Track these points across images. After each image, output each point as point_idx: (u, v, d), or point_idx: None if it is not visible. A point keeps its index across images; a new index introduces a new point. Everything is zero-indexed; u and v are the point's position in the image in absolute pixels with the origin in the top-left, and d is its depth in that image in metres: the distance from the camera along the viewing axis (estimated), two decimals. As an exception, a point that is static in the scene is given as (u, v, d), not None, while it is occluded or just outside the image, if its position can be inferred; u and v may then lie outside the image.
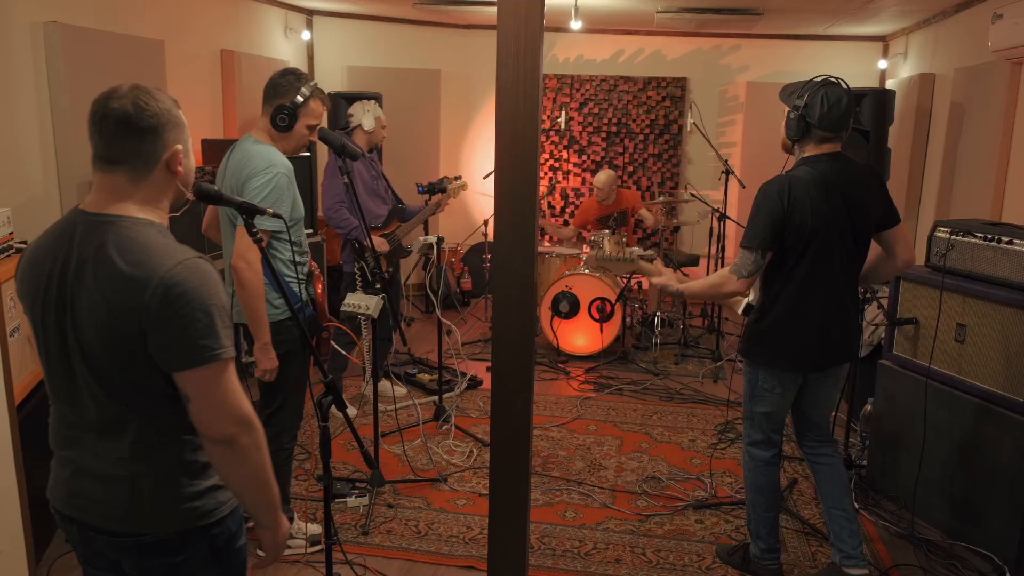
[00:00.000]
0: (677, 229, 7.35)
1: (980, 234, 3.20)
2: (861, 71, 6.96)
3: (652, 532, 3.37)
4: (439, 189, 4.64)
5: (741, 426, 4.45)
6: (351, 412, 4.31)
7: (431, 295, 4.85)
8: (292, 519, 3.15)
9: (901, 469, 3.52)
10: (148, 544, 1.59)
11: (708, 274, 5.93)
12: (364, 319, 4.22)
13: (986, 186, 4.47)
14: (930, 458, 3.32)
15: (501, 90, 1.74)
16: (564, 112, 7.36)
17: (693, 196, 6.20)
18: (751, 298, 2.87)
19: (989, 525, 3.12)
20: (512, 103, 1.76)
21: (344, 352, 4.41)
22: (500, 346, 1.83)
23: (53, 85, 3.93)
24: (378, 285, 3.55)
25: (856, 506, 3.52)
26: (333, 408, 2.29)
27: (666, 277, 2.85)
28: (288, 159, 2.87)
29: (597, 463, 4.02)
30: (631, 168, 7.44)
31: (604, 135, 7.44)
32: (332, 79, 6.91)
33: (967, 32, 5.13)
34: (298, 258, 2.84)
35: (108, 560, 1.65)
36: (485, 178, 6.95)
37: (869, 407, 3.88)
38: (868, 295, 3.67)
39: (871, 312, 4.06)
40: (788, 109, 2.73)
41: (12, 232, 3.43)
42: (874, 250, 2.83)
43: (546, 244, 6.88)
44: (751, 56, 7.25)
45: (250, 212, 1.95)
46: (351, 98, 5.75)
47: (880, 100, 4.72)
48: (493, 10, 1.71)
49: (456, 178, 4.85)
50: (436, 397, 4.58)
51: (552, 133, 7.47)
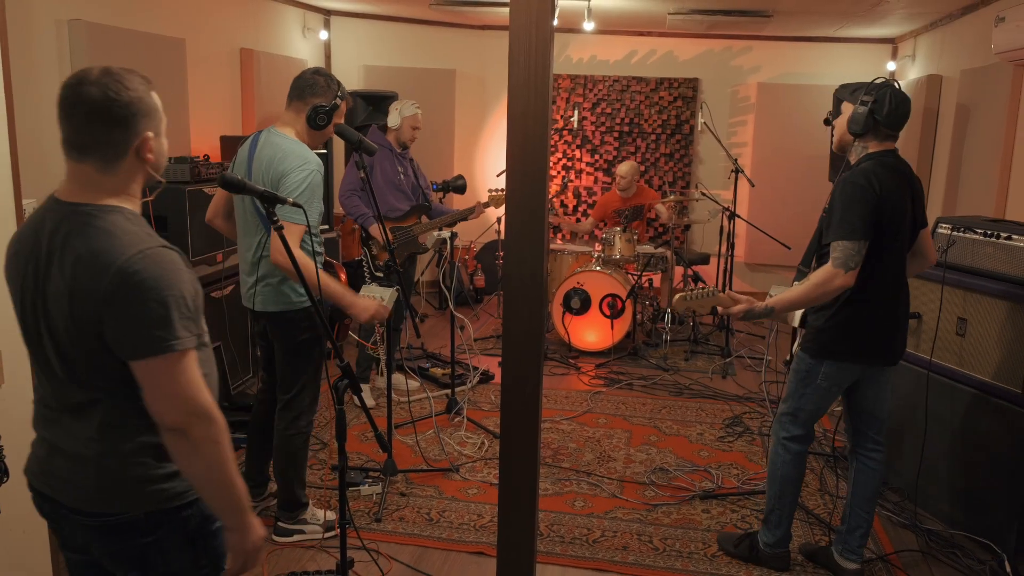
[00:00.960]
0: (688, 228, 7.42)
1: (981, 230, 3.27)
2: (871, 73, 6.94)
3: (659, 521, 3.44)
4: (454, 187, 4.72)
5: (748, 420, 4.55)
6: (368, 401, 4.40)
7: (444, 290, 4.94)
8: (307, 504, 3.25)
9: (903, 460, 3.59)
10: (116, 525, 1.59)
11: (720, 272, 6.05)
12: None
13: (990, 185, 4.52)
14: (931, 449, 3.38)
15: (513, 86, 1.82)
16: (577, 112, 7.45)
17: (704, 195, 6.27)
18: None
19: (989, 514, 3.18)
20: (524, 99, 1.84)
21: (366, 343, 4.51)
22: (510, 333, 1.91)
23: (79, 83, 4.04)
24: (379, 275, 3.64)
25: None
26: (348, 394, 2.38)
27: (744, 304, 2.75)
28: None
29: (606, 455, 4.10)
30: (643, 167, 7.51)
31: (616, 135, 7.51)
32: (349, 78, 7.01)
33: (972, 35, 5.18)
34: (317, 248, 2.94)
35: (79, 543, 1.67)
36: (499, 176, 7.03)
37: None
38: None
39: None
40: (852, 106, 2.73)
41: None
42: None
43: (559, 242, 6.97)
44: (762, 57, 7.31)
45: (272, 201, 2.03)
46: (367, 97, 5.87)
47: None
48: (507, 11, 1.79)
49: (500, 189, 4.91)
50: (449, 390, 4.67)
51: (565, 132, 7.55)
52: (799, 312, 2.88)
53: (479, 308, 7.07)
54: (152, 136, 1.55)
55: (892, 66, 6.99)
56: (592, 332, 5.74)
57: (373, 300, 3.01)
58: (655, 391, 5.08)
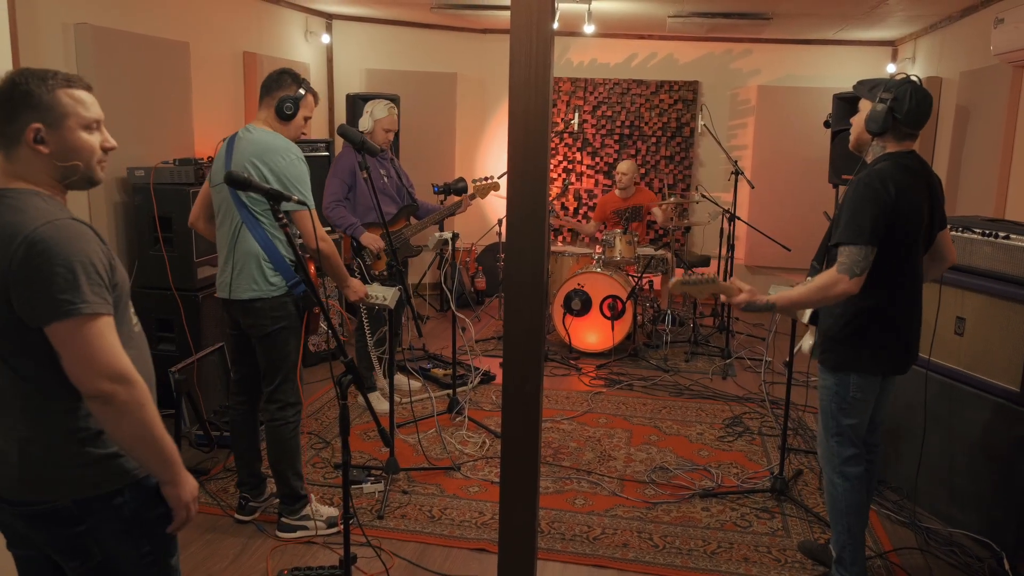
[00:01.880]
0: (688, 230, 7.45)
1: (979, 230, 3.29)
2: (871, 75, 6.97)
3: (659, 519, 3.47)
4: (455, 190, 4.72)
5: (748, 420, 4.57)
6: (382, 405, 4.41)
7: (446, 291, 4.96)
8: (308, 497, 3.27)
9: (902, 459, 3.61)
10: (42, 514, 1.58)
11: (720, 273, 6.07)
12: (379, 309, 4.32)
13: (989, 185, 4.55)
14: (930, 448, 3.40)
15: (514, 86, 1.85)
16: (577, 115, 7.48)
17: (704, 197, 6.30)
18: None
19: (988, 513, 3.20)
20: (525, 98, 1.86)
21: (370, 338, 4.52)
22: (511, 332, 1.93)
23: (84, 85, 4.07)
24: (374, 283, 3.68)
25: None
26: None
27: (747, 294, 2.62)
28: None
29: (606, 454, 4.12)
30: (643, 170, 7.54)
31: (617, 137, 7.55)
32: (351, 81, 7.06)
33: (971, 37, 5.21)
34: (296, 239, 3.01)
35: (20, 536, 1.66)
36: (499, 177, 7.07)
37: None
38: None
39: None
40: (871, 103, 2.61)
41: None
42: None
43: (559, 244, 7.00)
44: (762, 60, 7.34)
45: (277, 198, 2.06)
46: (368, 99, 5.89)
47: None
48: (508, 15, 1.82)
49: (486, 178, 4.89)
50: (450, 390, 4.70)
51: (566, 135, 7.59)
52: (808, 310, 2.81)
53: (480, 310, 7.10)
54: (42, 127, 1.58)
55: (892, 68, 7.02)
56: (593, 333, 5.76)
57: (361, 284, 3.36)
58: (655, 392, 5.10)
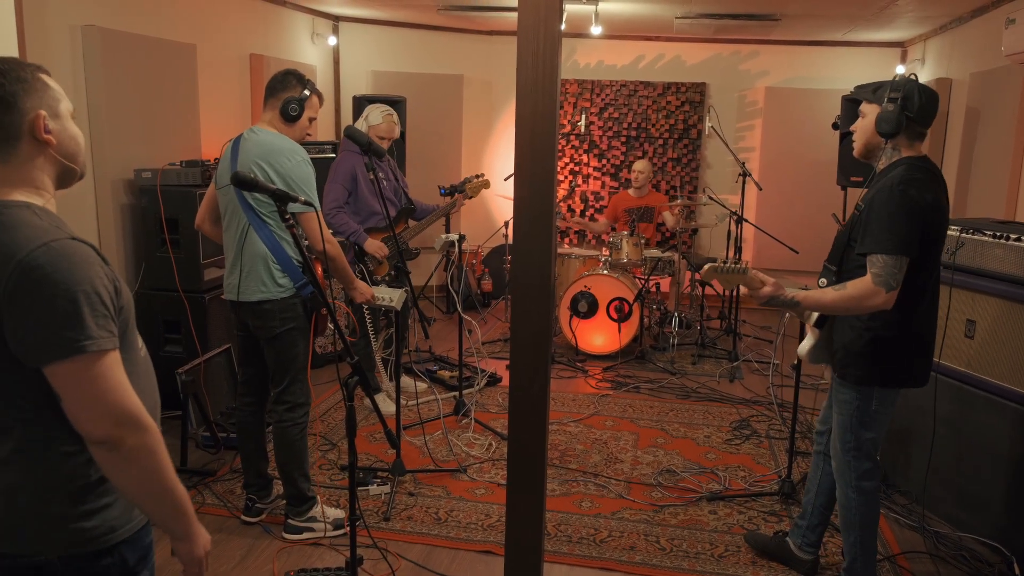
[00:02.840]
0: (695, 232, 7.43)
1: (989, 232, 3.27)
2: (880, 77, 6.94)
3: (666, 522, 3.45)
4: (460, 191, 4.71)
5: (756, 424, 4.55)
6: (388, 407, 4.40)
7: (452, 292, 4.95)
8: (315, 499, 3.27)
9: (911, 463, 3.58)
10: (25, 568, 1.40)
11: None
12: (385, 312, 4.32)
13: (1000, 186, 4.52)
14: (940, 452, 3.37)
15: (521, 87, 1.84)
16: (584, 117, 7.47)
17: (711, 199, 6.28)
18: None
19: (998, 517, 3.17)
20: (532, 99, 1.85)
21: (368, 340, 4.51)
22: (518, 333, 1.93)
23: (90, 86, 4.09)
24: (382, 285, 3.68)
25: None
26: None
27: (771, 287, 2.57)
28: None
29: (613, 457, 4.10)
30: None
31: (624, 139, 7.53)
32: (357, 83, 7.07)
33: (982, 37, 5.18)
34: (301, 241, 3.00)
35: None
36: (506, 179, 7.07)
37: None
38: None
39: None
40: (875, 107, 2.54)
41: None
42: None
43: (566, 246, 6.99)
44: (770, 62, 7.32)
45: (283, 199, 2.05)
46: (375, 101, 5.90)
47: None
48: (515, 16, 1.81)
49: (477, 176, 4.87)
50: (456, 392, 4.69)
51: (572, 137, 7.57)
52: (815, 312, 2.75)
53: (486, 312, 7.09)
54: (45, 115, 1.42)
55: (901, 70, 6.99)
56: (599, 336, 5.74)
57: (367, 286, 3.36)
58: (662, 394, 5.08)
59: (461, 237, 4.45)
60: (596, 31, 6.20)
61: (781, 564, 3.10)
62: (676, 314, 6.11)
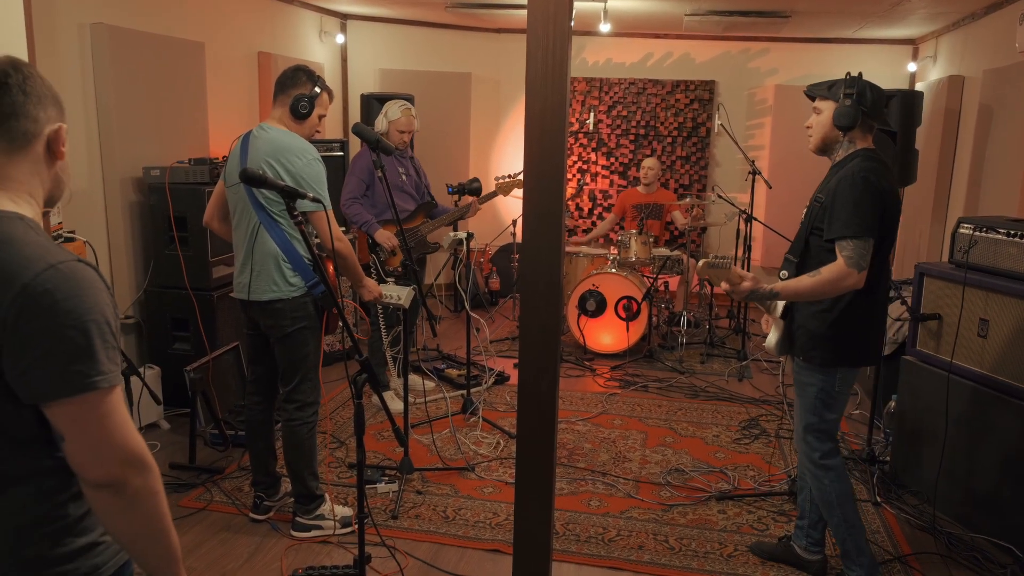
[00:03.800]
0: (704, 231, 7.40)
1: (1003, 230, 3.24)
2: (891, 74, 6.96)
3: (675, 521, 3.43)
4: (469, 190, 4.71)
5: (765, 423, 4.52)
6: (396, 405, 4.39)
7: (461, 291, 4.94)
8: (323, 497, 3.26)
9: (923, 464, 3.55)
10: None
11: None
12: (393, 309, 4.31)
13: (1013, 184, 4.48)
14: (952, 452, 3.35)
15: (531, 82, 1.82)
16: (593, 115, 7.45)
17: (720, 198, 6.25)
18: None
19: (1010, 518, 3.14)
20: (541, 95, 1.84)
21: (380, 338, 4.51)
22: (527, 329, 1.91)
23: (99, 84, 4.10)
24: (389, 279, 3.67)
25: (879, 500, 3.58)
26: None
27: (751, 282, 2.68)
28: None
29: (622, 455, 4.09)
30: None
31: (632, 138, 7.51)
32: (365, 81, 7.06)
33: (996, 34, 5.14)
34: (313, 239, 2.99)
35: None
36: (516, 175, 7.04)
37: (892, 404, 3.91)
38: (892, 292, 3.71)
39: (895, 309, 4.09)
40: (831, 103, 2.71)
41: (61, 222, 3.59)
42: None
43: (573, 244, 6.96)
44: (779, 59, 7.28)
45: (292, 196, 2.04)
46: (383, 99, 5.90)
47: (908, 101, 4.72)
48: (523, 14, 1.80)
49: (508, 176, 4.86)
50: (464, 391, 4.68)
51: (581, 135, 7.55)
52: (780, 305, 2.83)
53: (494, 311, 7.08)
54: (66, 128, 1.34)
55: (913, 67, 6.94)
56: (607, 334, 5.72)
57: (375, 284, 3.33)
58: (671, 393, 5.06)
59: (470, 235, 4.44)
60: (605, 28, 6.17)
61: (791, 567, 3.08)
62: (684, 313, 6.09)
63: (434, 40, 7.30)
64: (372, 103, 5.80)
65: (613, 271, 5.63)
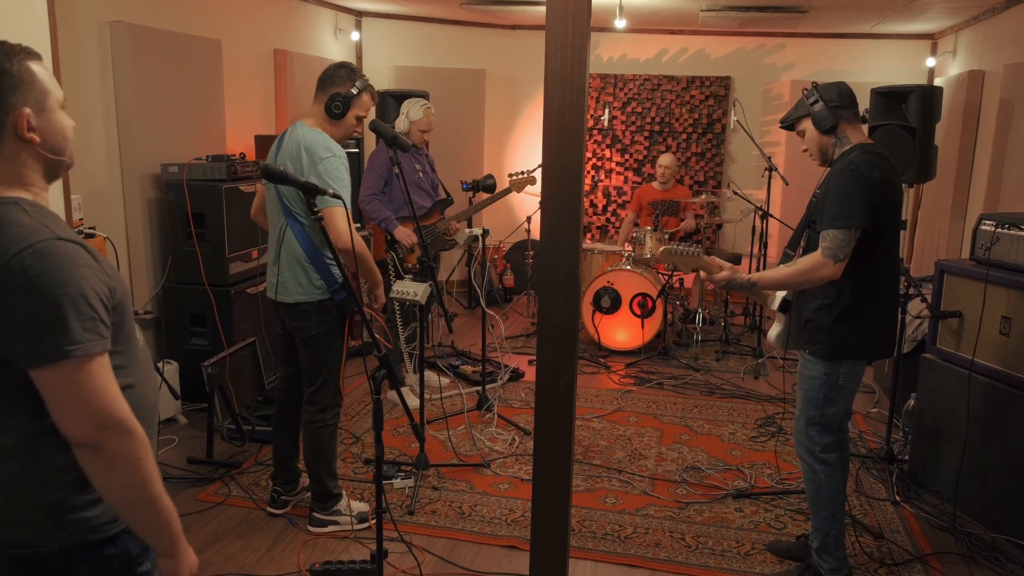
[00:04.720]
0: (719, 227, 7.37)
1: (1025, 226, 3.20)
2: (909, 69, 6.90)
3: (691, 519, 3.42)
4: (483, 187, 4.71)
5: (782, 420, 4.50)
6: (412, 401, 4.40)
7: (476, 288, 4.95)
8: (341, 495, 3.27)
9: (943, 463, 3.52)
10: (27, 559, 1.38)
11: (752, 272, 5.96)
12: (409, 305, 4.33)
13: (1035, 182, 4.43)
14: (973, 451, 3.32)
15: (549, 79, 1.82)
16: (607, 111, 7.42)
17: (736, 194, 6.22)
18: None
19: (1032, 518, 3.11)
20: (560, 92, 1.84)
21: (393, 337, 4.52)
22: (544, 325, 1.91)
23: (118, 81, 4.13)
24: (408, 276, 3.66)
25: (898, 499, 3.55)
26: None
27: (728, 271, 2.74)
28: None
29: (637, 453, 4.08)
30: (674, 167, 7.47)
31: (647, 134, 7.48)
32: (380, 78, 7.07)
33: (1016, 28, 5.08)
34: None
35: None
36: (534, 171, 7.03)
37: (912, 402, 3.88)
38: (912, 290, 3.68)
39: (915, 306, 4.06)
40: (807, 118, 2.76)
41: (82, 217, 3.62)
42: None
43: (588, 241, 6.95)
44: (796, 55, 7.23)
45: (312, 192, 2.05)
46: (398, 96, 5.91)
47: (927, 97, 4.67)
48: (538, 10, 1.79)
49: (522, 173, 4.88)
50: (479, 387, 4.68)
51: (595, 132, 7.53)
52: (779, 295, 2.83)
53: (508, 307, 7.08)
54: (30, 112, 1.36)
55: (932, 62, 6.88)
56: (622, 331, 5.71)
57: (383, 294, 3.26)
58: (686, 391, 5.04)
59: (485, 232, 4.45)
60: (620, 24, 6.15)
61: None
62: (699, 310, 6.06)
63: (449, 37, 7.30)
64: (387, 100, 5.80)
65: (628, 268, 5.62)
